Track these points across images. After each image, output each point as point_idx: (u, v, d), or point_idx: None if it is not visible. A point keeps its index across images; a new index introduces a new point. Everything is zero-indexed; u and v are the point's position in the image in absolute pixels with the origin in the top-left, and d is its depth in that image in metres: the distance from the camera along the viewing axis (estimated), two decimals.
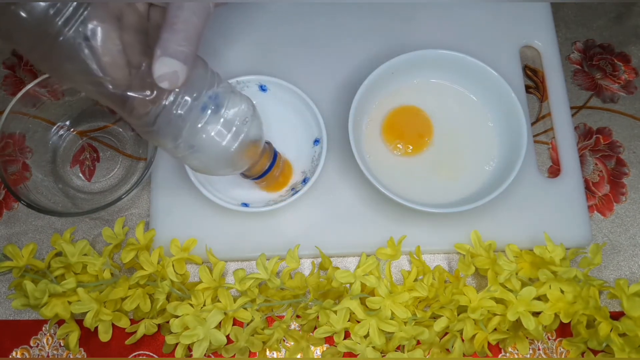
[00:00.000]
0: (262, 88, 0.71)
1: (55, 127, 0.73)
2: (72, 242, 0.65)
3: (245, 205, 0.67)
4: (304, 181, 0.68)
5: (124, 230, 0.68)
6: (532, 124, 0.76)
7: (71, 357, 0.67)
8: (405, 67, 0.71)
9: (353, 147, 0.66)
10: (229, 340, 0.65)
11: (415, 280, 0.66)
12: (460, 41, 0.76)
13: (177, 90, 0.51)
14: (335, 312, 0.62)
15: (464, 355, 0.65)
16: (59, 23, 0.45)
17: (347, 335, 0.64)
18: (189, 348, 0.65)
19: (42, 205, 0.66)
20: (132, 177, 0.72)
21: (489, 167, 0.71)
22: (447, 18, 0.79)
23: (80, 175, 0.73)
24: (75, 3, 0.45)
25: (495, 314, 0.64)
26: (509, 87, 0.69)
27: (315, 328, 0.65)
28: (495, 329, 0.64)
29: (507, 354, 0.67)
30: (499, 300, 0.64)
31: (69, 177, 0.73)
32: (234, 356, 0.65)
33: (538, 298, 0.64)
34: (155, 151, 0.67)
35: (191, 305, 0.63)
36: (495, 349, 0.67)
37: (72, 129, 0.74)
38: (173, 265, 0.66)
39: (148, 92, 0.50)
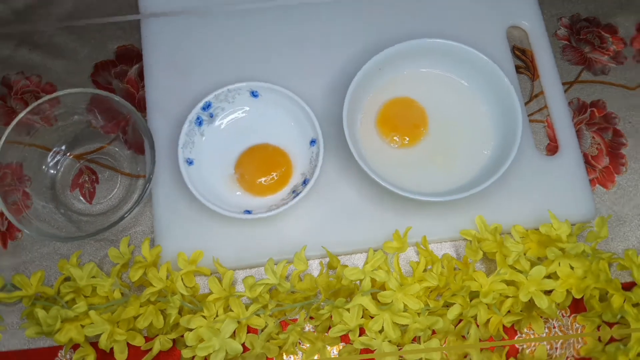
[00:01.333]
0: (253, 94, 0.71)
1: (51, 153, 0.73)
2: (80, 266, 0.66)
3: (248, 212, 0.67)
4: (304, 182, 0.68)
5: (129, 249, 0.68)
6: (526, 103, 0.76)
7: None
8: (393, 59, 0.72)
9: (350, 144, 0.66)
10: (245, 348, 0.65)
11: (425, 270, 0.66)
12: (446, 26, 0.76)
13: None
14: (347, 310, 0.63)
15: (480, 340, 0.65)
16: None
17: (362, 331, 0.65)
18: None
19: (45, 232, 0.66)
20: (132, 195, 0.72)
21: (487, 152, 0.71)
22: (431, 4, 0.79)
23: (81, 198, 0.73)
24: None
25: (507, 297, 0.64)
26: (500, 69, 0.69)
27: (330, 328, 0.65)
28: (508, 311, 0.64)
29: (524, 335, 0.67)
30: (509, 283, 0.64)
31: (70, 201, 0.73)
32: None
33: (548, 276, 0.64)
34: (153, 167, 0.67)
35: (204, 317, 0.64)
36: (511, 331, 0.67)
37: (68, 153, 0.74)
38: (182, 279, 0.66)
39: None
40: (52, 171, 0.73)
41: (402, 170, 0.70)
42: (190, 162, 0.69)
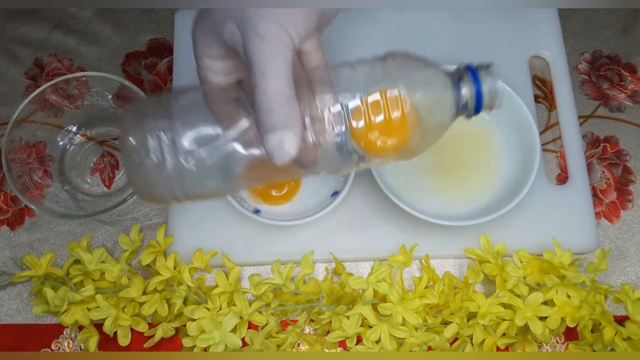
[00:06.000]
0: None
1: (74, 136, 0.75)
2: (90, 250, 0.67)
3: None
4: (333, 194, 0.70)
5: (140, 237, 0.69)
6: (541, 132, 0.76)
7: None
8: None
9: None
10: (244, 344, 0.66)
11: (426, 287, 0.67)
12: (470, 52, 0.77)
13: None
14: (347, 317, 0.64)
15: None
16: None
17: (359, 339, 0.65)
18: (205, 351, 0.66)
19: (57, 211, 0.69)
20: None
21: (501, 179, 0.72)
22: (456, 30, 0.80)
23: (100, 183, 0.74)
24: None
25: (503, 319, 0.65)
26: (522, 102, 0.70)
27: (329, 332, 0.66)
28: (504, 334, 0.65)
29: None
30: (507, 306, 0.65)
31: (87, 185, 0.74)
32: None
33: (545, 303, 0.65)
34: None
35: (207, 309, 0.65)
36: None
37: (91, 138, 0.76)
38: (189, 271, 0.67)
39: None
40: (73, 154, 0.75)
41: (416, 190, 0.71)
42: None
